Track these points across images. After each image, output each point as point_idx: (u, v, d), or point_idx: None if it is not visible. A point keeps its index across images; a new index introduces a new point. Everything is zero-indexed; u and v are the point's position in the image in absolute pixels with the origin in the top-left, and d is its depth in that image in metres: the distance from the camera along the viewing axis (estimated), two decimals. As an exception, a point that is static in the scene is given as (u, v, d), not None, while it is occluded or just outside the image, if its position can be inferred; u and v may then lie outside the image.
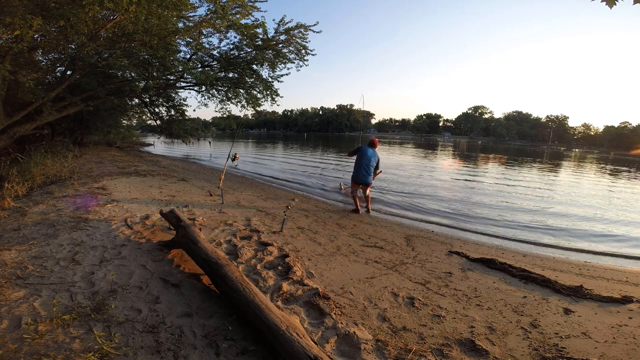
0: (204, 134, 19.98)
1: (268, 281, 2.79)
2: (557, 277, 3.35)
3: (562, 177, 14.47)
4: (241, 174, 10.81)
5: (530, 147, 61.83)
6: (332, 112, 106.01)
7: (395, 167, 14.43)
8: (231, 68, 9.78)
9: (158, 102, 12.86)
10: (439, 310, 2.52)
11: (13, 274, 2.57)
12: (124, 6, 5.27)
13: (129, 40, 7.06)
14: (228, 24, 8.09)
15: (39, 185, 6.02)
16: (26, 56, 6.99)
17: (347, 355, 1.95)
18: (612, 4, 1.91)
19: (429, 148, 35.85)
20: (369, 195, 5.92)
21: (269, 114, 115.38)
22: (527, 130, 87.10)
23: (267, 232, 4.14)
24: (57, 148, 9.78)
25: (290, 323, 1.88)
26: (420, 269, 3.35)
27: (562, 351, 2.09)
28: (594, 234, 5.61)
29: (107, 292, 2.40)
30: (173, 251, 3.19)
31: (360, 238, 4.28)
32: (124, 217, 4.19)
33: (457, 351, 2.04)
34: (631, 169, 21.14)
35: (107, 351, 1.76)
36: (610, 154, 47.80)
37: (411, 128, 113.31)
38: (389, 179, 10.54)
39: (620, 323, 2.48)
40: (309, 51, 9.60)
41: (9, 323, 1.98)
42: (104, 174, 7.42)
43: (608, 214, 7.20)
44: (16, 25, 4.84)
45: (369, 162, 5.64)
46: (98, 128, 15.35)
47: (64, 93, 8.19)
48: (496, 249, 4.40)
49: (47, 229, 3.62)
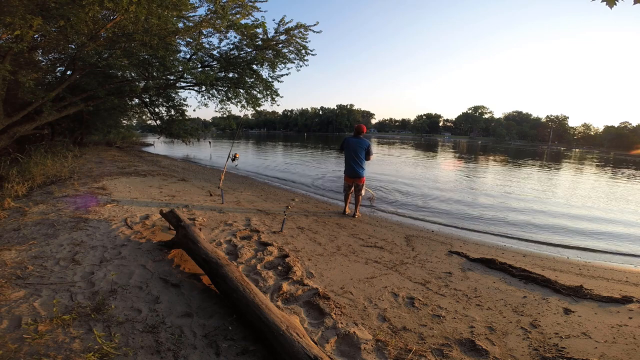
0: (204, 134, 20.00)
1: (268, 281, 2.79)
2: (557, 277, 3.36)
3: (562, 177, 14.47)
4: (241, 174, 10.81)
5: (530, 147, 61.77)
6: (332, 112, 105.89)
7: (395, 170, 14.41)
8: (231, 68, 9.78)
9: (158, 102, 12.86)
10: (439, 310, 2.52)
11: (13, 274, 2.57)
12: (124, 6, 5.27)
13: (129, 40, 7.06)
14: (228, 24, 8.09)
15: (39, 185, 6.01)
16: (26, 56, 6.98)
17: (347, 355, 1.95)
18: (612, 4, 1.91)
19: (429, 149, 35.82)
20: (360, 198, 5.48)
21: (269, 114, 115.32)
22: (527, 130, 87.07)
23: (267, 232, 4.14)
24: (57, 148, 9.79)
25: (290, 323, 1.88)
26: (420, 269, 3.35)
27: (562, 351, 2.08)
28: (594, 234, 5.61)
29: (107, 292, 2.40)
30: (173, 251, 3.18)
31: (360, 238, 4.28)
32: (124, 217, 4.19)
33: (457, 351, 2.04)
34: (632, 169, 21.13)
35: (107, 351, 1.76)
36: (611, 154, 47.78)
37: (411, 128, 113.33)
38: (389, 179, 10.54)
39: (620, 323, 2.48)
40: (309, 51, 9.60)
41: (9, 323, 1.98)
42: (104, 174, 7.41)
43: (608, 214, 7.21)
44: (16, 25, 4.84)
45: (356, 151, 5.24)
46: (98, 128, 15.36)
47: (64, 93, 8.19)
48: (496, 249, 4.40)
49: (47, 229, 3.62)
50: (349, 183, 5.47)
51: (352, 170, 5.31)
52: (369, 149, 5.28)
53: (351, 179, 5.40)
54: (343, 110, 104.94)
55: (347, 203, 5.67)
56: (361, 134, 5.43)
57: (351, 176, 5.37)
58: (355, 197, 5.51)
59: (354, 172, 5.30)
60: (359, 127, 5.48)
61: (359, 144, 5.28)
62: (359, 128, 5.46)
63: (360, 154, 5.26)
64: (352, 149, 5.28)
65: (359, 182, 5.38)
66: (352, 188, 5.50)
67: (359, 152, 5.26)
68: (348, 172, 5.38)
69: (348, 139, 5.39)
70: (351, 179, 5.40)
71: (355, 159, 5.27)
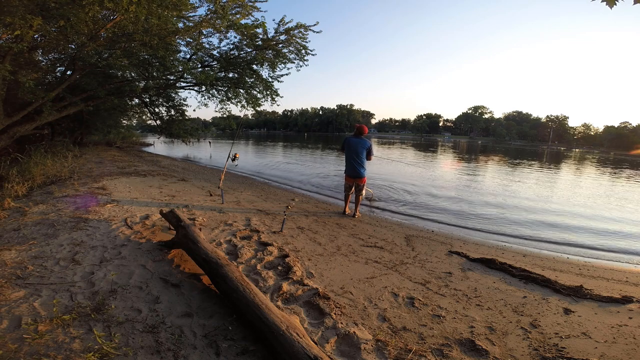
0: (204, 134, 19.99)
1: (268, 281, 2.79)
2: (557, 277, 3.36)
3: (562, 177, 14.47)
4: (241, 174, 10.81)
5: (530, 147, 61.77)
6: (332, 112, 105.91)
7: (395, 169, 14.41)
8: (231, 68, 9.78)
9: (158, 102, 12.86)
10: (439, 310, 2.52)
11: (13, 274, 2.57)
12: (124, 6, 5.27)
13: (129, 40, 7.06)
14: (228, 24, 8.09)
15: (39, 185, 6.01)
16: (26, 56, 6.98)
17: (347, 355, 1.95)
18: (612, 4, 1.91)
19: (429, 149, 35.82)
20: (360, 198, 5.47)
21: (269, 114, 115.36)
22: (527, 130, 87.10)
23: (267, 232, 4.14)
24: (57, 148, 9.79)
25: (290, 323, 1.88)
26: (420, 269, 3.35)
27: (562, 351, 2.09)
28: (594, 233, 5.60)
29: (107, 292, 2.40)
30: (173, 251, 3.18)
31: (360, 238, 4.28)
32: (124, 217, 4.19)
33: (457, 351, 2.04)
34: (632, 169, 21.13)
35: (107, 351, 1.76)
36: (611, 154, 47.78)
37: (411, 128, 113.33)
38: (388, 179, 10.54)
39: (620, 323, 2.48)
40: (309, 51, 9.60)
41: (9, 323, 1.98)
42: (104, 174, 7.41)
43: (609, 213, 7.20)
44: (16, 25, 4.84)
45: (357, 151, 5.24)
46: (98, 128, 15.35)
47: (64, 93, 8.19)
48: (496, 249, 4.40)
49: (47, 229, 3.62)
50: (349, 183, 5.46)
51: (353, 170, 5.31)
52: (370, 149, 5.29)
53: (352, 179, 5.39)
54: (343, 110, 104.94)
55: (347, 203, 5.67)
56: (362, 134, 5.43)
57: (352, 176, 5.36)
58: (355, 197, 5.50)
59: (355, 172, 5.30)
60: (360, 127, 5.49)
61: (360, 144, 5.28)
62: (360, 128, 5.47)
63: (362, 154, 5.26)
64: (353, 149, 5.28)
65: (359, 182, 5.38)
66: (352, 188, 5.50)
67: (360, 152, 5.26)
68: (349, 172, 5.37)
69: (349, 139, 5.39)
70: (352, 179, 5.39)
71: (356, 159, 5.27)
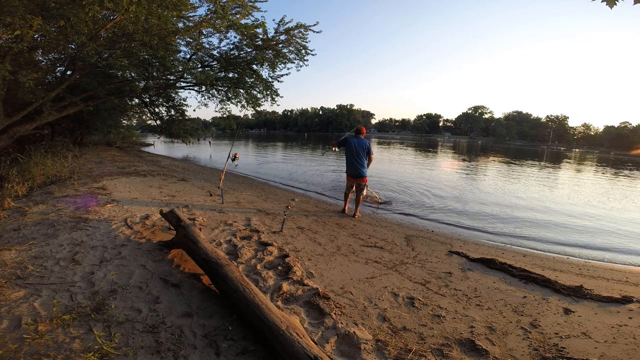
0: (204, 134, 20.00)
1: (268, 281, 2.79)
2: (557, 277, 3.36)
3: (562, 177, 14.46)
4: (241, 174, 10.81)
5: (530, 147, 61.76)
6: (332, 112, 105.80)
7: (395, 169, 14.41)
8: (231, 68, 9.78)
9: (158, 102, 12.86)
10: (439, 310, 2.52)
11: (13, 274, 2.57)
12: (124, 6, 5.27)
13: (129, 40, 7.06)
14: (228, 24, 8.09)
15: (39, 185, 6.01)
16: (26, 56, 6.98)
17: (347, 355, 1.95)
18: (612, 4, 1.91)
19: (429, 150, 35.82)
20: (360, 198, 5.49)
21: (269, 114, 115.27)
22: (527, 130, 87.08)
23: (267, 232, 4.14)
24: (57, 148, 9.78)
25: (290, 323, 1.88)
26: (420, 269, 3.35)
27: (562, 351, 2.09)
28: (594, 233, 5.60)
29: (107, 292, 2.39)
30: (173, 251, 3.18)
31: (360, 238, 4.28)
32: (124, 217, 4.19)
33: (457, 351, 2.04)
34: (632, 169, 21.12)
35: (107, 351, 1.76)
36: (611, 154, 47.78)
37: (411, 128, 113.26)
38: (389, 179, 10.54)
39: (620, 323, 2.48)
40: (309, 51, 9.60)
41: (9, 323, 1.98)
42: (104, 174, 7.41)
43: (609, 213, 7.20)
44: (16, 25, 4.84)
45: (358, 152, 5.29)
46: (98, 128, 15.34)
47: (64, 93, 8.19)
48: (496, 249, 4.40)
49: (47, 229, 3.62)
50: (350, 183, 5.49)
51: (354, 170, 5.34)
52: (369, 149, 5.36)
53: (353, 179, 5.43)
54: (343, 110, 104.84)
55: (346, 202, 5.69)
56: (361, 134, 5.52)
57: (354, 176, 5.39)
58: (356, 197, 5.51)
59: (357, 172, 5.33)
60: (360, 128, 5.63)
61: (360, 144, 5.34)
62: (359, 129, 5.60)
63: (362, 153, 5.32)
64: (353, 149, 5.33)
65: (361, 182, 5.41)
66: (353, 188, 5.52)
67: (360, 152, 5.32)
68: (350, 172, 5.40)
69: (350, 138, 5.44)
70: (353, 179, 5.43)
71: (358, 159, 5.32)
